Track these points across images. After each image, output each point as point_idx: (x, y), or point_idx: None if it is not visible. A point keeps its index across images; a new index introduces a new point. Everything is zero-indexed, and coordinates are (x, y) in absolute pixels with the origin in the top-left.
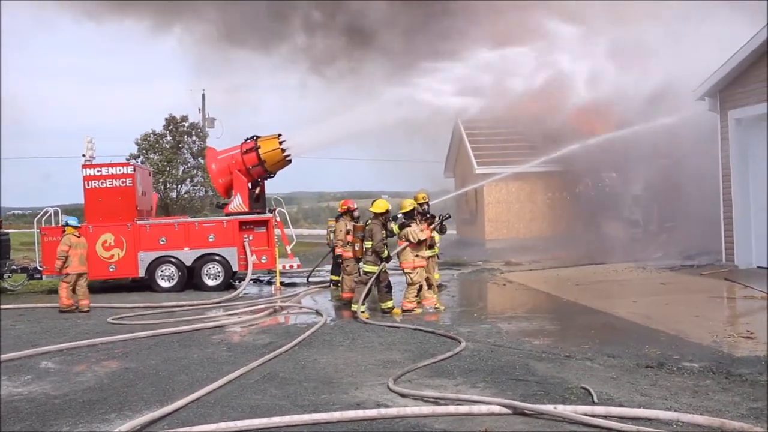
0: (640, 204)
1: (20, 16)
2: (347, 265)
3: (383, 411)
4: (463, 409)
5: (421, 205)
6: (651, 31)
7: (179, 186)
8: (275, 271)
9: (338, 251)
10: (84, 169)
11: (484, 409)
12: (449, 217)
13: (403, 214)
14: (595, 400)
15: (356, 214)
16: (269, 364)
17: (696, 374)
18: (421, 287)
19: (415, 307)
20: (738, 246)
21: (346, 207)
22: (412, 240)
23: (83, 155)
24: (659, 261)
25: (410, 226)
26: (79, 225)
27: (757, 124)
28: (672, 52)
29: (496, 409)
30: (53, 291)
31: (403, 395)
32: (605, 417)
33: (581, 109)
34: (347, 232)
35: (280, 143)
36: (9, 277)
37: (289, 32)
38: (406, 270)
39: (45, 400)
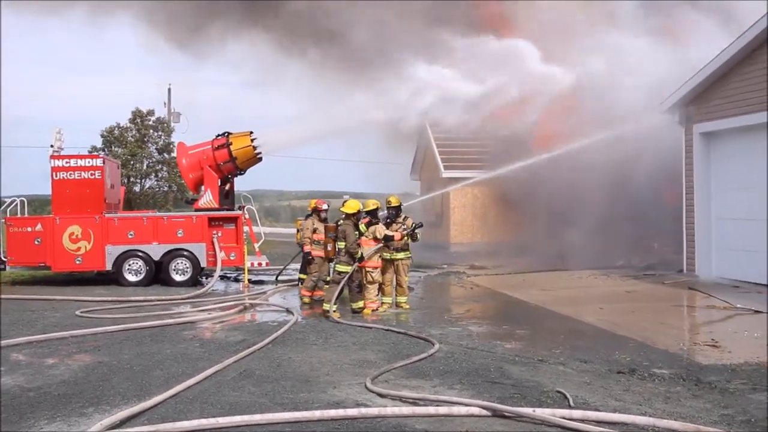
0: (602, 213)
1: None
2: (312, 264)
3: (364, 410)
4: (443, 410)
5: (389, 209)
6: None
7: (143, 180)
8: (243, 269)
9: (306, 249)
10: (52, 160)
11: (463, 410)
12: (422, 225)
13: (367, 212)
14: (572, 404)
15: (323, 215)
16: (244, 362)
17: (667, 381)
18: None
19: (379, 306)
20: (699, 257)
21: (315, 206)
22: (378, 237)
23: (51, 146)
24: (621, 269)
25: (377, 224)
26: None
27: (721, 138)
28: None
29: (476, 410)
30: (18, 282)
31: (381, 395)
32: (583, 421)
33: (546, 116)
34: (314, 231)
35: (252, 140)
36: None
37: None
38: (367, 268)
39: (19, 393)
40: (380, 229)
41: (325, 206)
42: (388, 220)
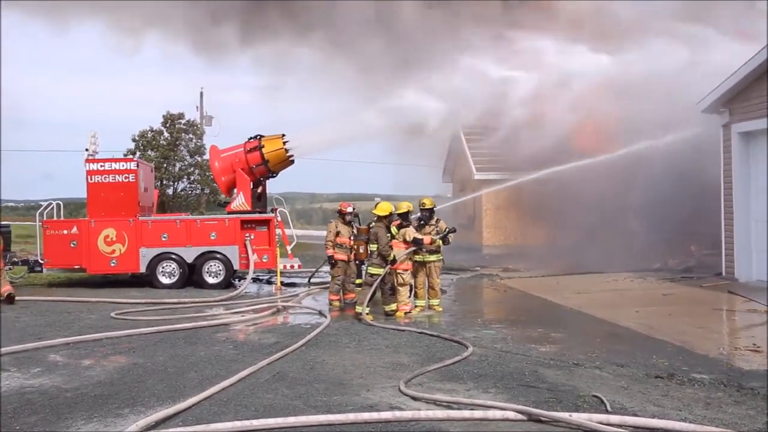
0: (639, 215)
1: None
2: (335, 268)
3: (398, 414)
4: (478, 414)
5: (423, 211)
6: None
7: (176, 183)
8: (276, 271)
9: (329, 252)
10: (87, 164)
11: (498, 414)
12: (455, 230)
13: (399, 215)
14: (609, 408)
15: (348, 218)
16: (277, 364)
17: (707, 386)
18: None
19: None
20: (738, 259)
21: (339, 209)
22: (407, 239)
23: (86, 150)
24: (658, 272)
25: (408, 227)
26: None
27: (760, 137)
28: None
29: (511, 415)
30: (53, 284)
31: (415, 398)
32: (621, 426)
33: (584, 120)
34: (337, 234)
35: (284, 143)
36: (10, 269)
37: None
38: (398, 271)
39: (57, 393)
40: (410, 232)
41: (349, 209)
42: (422, 222)
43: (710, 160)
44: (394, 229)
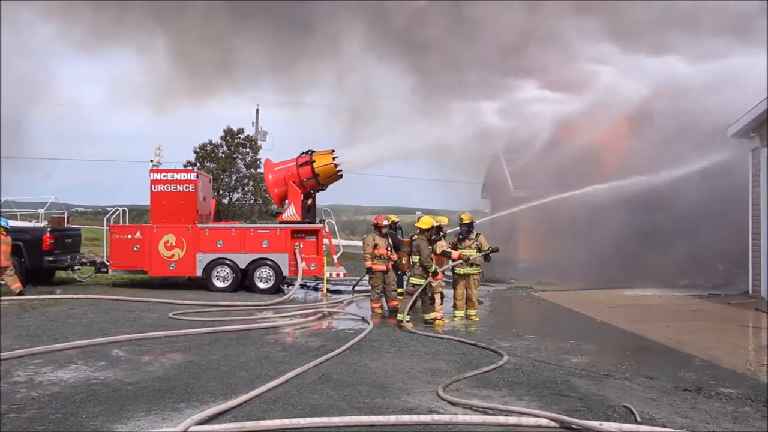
0: (668, 233)
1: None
2: (373, 278)
3: (436, 417)
4: (512, 420)
5: (462, 225)
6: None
7: (231, 193)
8: (322, 278)
9: (367, 264)
10: (151, 174)
11: (532, 421)
12: (497, 250)
13: (432, 228)
14: (638, 419)
15: (384, 230)
16: (323, 366)
17: (734, 400)
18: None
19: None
20: (765, 277)
21: (375, 222)
22: (437, 252)
23: (151, 160)
24: (686, 289)
25: (440, 240)
26: (7, 226)
27: None
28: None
29: (544, 422)
30: (118, 284)
31: (452, 403)
32: None
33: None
34: (374, 246)
35: (334, 158)
36: (79, 269)
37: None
38: (432, 280)
39: (119, 386)
40: (440, 245)
41: (385, 222)
42: (461, 237)
43: (739, 181)
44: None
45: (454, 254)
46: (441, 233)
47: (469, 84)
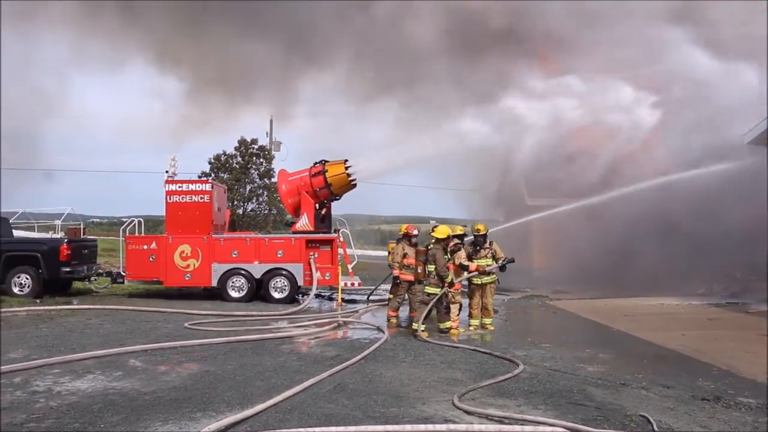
0: (683, 241)
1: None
2: (399, 287)
3: (452, 426)
4: (528, 429)
5: (477, 236)
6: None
7: (246, 204)
8: (337, 288)
9: (395, 272)
10: (167, 185)
11: (548, 430)
12: (513, 261)
13: (455, 236)
14: (656, 428)
15: (414, 240)
16: (338, 376)
17: (754, 410)
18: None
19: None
20: None
21: (405, 231)
22: (455, 263)
23: (166, 171)
24: (703, 297)
25: (460, 250)
26: None
27: None
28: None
29: (560, 431)
30: (134, 294)
31: (468, 412)
32: None
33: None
34: (404, 255)
35: (346, 168)
36: (95, 279)
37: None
38: (450, 291)
39: (136, 396)
40: (460, 255)
41: (415, 232)
42: (477, 247)
43: (756, 189)
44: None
45: (472, 266)
46: (461, 243)
47: (483, 91)
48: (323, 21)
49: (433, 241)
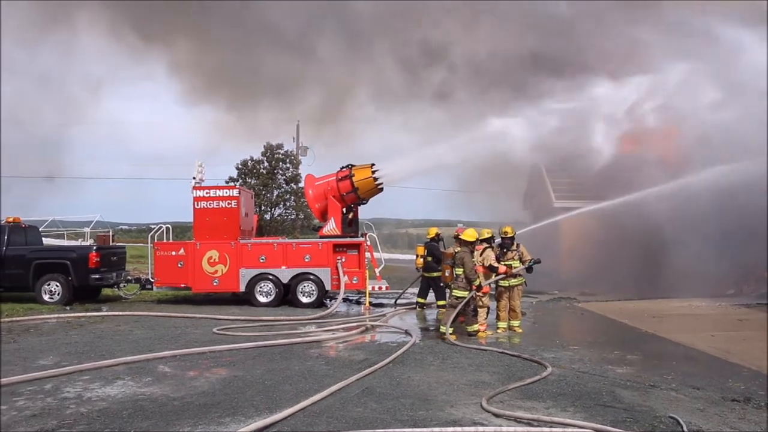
0: (712, 241)
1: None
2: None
3: (480, 429)
4: (557, 431)
5: (504, 239)
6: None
7: (273, 209)
8: (365, 292)
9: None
10: (194, 191)
11: None
12: (539, 261)
13: (482, 240)
14: (685, 430)
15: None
16: (366, 379)
17: None
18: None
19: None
20: None
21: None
22: (484, 264)
23: (193, 178)
24: (732, 298)
25: (489, 249)
26: None
27: None
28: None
29: None
30: (163, 300)
31: (496, 415)
32: None
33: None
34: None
35: (373, 172)
36: (124, 286)
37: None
38: (479, 294)
39: (166, 401)
40: (490, 257)
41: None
42: (504, 250)
43: None
44: (477, 254)
45: (501, 269)
46: (489, 246)
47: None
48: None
49: (460, 244)
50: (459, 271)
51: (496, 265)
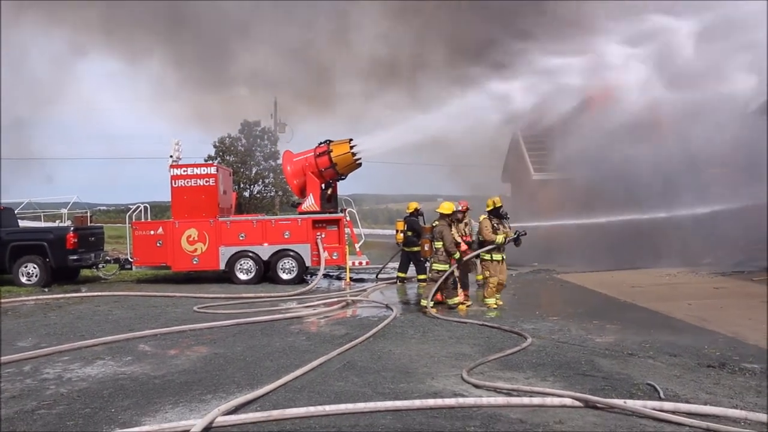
0: (689, 211)
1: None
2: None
3: (461, 400)
4: (537, 400)
5: (494, 210)
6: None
7: (252, 186)
8: (345, 267)
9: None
10: (171, 169)
11: (556, 401)
12: (525, 234)
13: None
14: (662, 396)
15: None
16: (347, 354)
17: (758, 375)
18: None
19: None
20: None
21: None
22: (483, 232)
23: (170, 156)
24: (708, 267)
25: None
26: None
27: None
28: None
29: (568, 401)
30: (143, 280)
31: (477, 386)
32: (674, 412)
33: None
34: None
35: (351, 147)
36: (103, 266)
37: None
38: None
39: (146, 380)
40: (486, 227)
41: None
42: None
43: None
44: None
45: (462, 246)
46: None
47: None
48: None
49: (438, 217)
50: (438, 244)
51: (492, 237)
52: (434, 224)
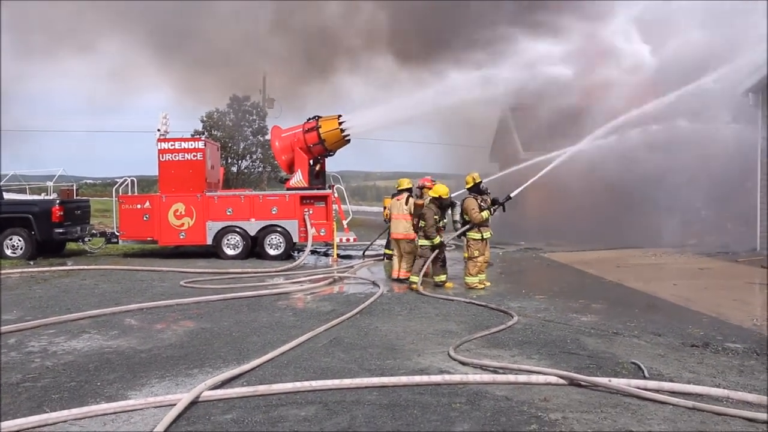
0: (675, 192)
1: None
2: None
3: (447, 377)
4: (522, 378)
5: (474, 186)
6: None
7: (240, 161)
8: (332, 244)
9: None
10: (159, 143)
11: (541, 379)
12: (509, 198)
13: (468, 189)
14: (646, 375)
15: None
16: (334, 330)
17: (740, 355)
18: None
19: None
20: None
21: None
22: (468, 212)
23: (158, 130)
24: (694, 248)
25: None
26: None
27: None
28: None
29: (553, 379)
30: (128, 255)
31: (463, 363)
32: (658, 391)
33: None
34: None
35: (340, 123)
36: (89, 240)
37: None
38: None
39: (133, 354)
40: (472, 207)
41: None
42: (484, 197)
43: (745, 140)
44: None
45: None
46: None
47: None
48: None
49: (428, 199)
50: (423, 224)
51: (479, 216)
52: (421, 202)
